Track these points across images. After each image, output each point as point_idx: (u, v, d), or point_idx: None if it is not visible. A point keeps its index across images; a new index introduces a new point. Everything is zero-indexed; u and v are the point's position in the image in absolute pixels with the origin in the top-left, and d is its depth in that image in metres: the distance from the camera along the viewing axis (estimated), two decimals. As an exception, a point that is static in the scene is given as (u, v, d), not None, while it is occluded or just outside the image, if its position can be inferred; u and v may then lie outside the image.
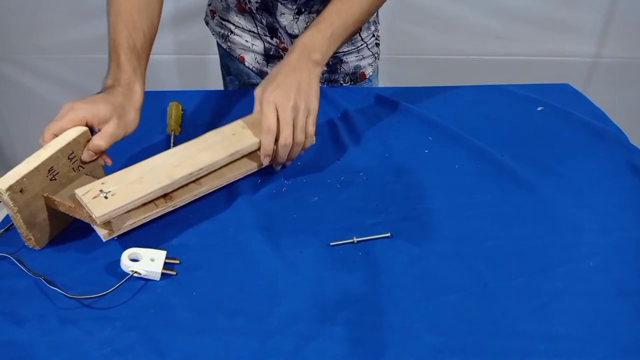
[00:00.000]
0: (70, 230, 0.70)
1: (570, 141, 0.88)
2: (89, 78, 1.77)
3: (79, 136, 0.68)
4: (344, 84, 1.07)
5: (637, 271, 0.64)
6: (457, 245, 0.68)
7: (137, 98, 0.73)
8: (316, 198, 0.75)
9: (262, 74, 1.06)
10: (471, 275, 0.64)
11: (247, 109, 0.98)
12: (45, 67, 1.77)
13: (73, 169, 0.69)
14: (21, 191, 0.62)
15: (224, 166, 0.73)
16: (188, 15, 1.65)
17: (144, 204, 0.68)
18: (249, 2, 0.97)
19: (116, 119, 0.69)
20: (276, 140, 0.72)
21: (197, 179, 0.71)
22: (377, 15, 1.05)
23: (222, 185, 0.74)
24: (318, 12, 0.95)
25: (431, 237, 0.69)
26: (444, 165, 0.82)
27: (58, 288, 0.61)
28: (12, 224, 0.69)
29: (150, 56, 0.78)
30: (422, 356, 0.55)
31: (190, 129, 0.91)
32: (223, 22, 1.04)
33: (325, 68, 1.03)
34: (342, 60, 1.04)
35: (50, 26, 1.67)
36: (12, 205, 0.62)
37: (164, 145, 0.86)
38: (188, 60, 1.74)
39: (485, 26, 1.67)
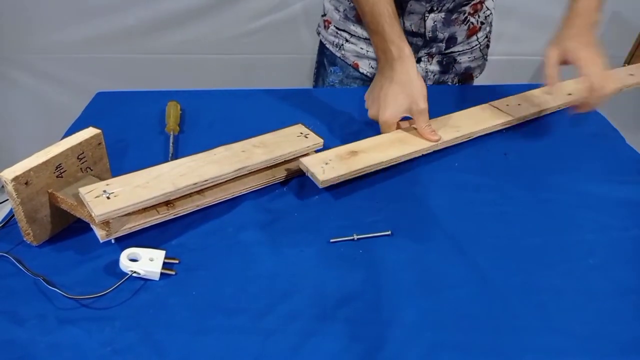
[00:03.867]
0: (70, 230, 0.70)
1: (570, 141, 0.88)
2: (89, 78, 1.77)
3: (91, 137, 0.69)
4: (452, 84, 1.09)
5: (636, 270, 0.64)
6: (457, 242, 0.68)
7: (411, 64, 0.82)
8: (317, 196, 0.75)
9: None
10: (471, 272, 0.64)
11: (247, 109, 0.98)
12: (45, 67, 1.77)
13: (81, 169, 0.69)
14: (26, 183, 0.62)
15: (230, 181, 0.73)
16: (188, 15, 1.65)
17: (145, 209, 0.68)
18: None
19: None
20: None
21: (201, 190, 0.72)
22: (492, 14, 1.08)
23: (225, 199, 0.74)
24: (448, 11, 0.98)
25: (431, 235, 0.69)
26: (445, 163, 0.82)
27: (57, 288, 0.61)
28: (10, 219, 0.69)
29: (151, 56, 0.77)
30: (421, 352, 0.55)
31: (189, 129, 0.92)
32: (338, 32, 1.07)
33: (438, 68, 1.07)
34: (455, 60, 1.06)
35: (50, 26, 1.67)
36: (15, 196, 0.62)
37: (163, 144, 0.86)
38: (187, 60, 1.74)
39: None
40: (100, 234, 0.66)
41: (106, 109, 0.98)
